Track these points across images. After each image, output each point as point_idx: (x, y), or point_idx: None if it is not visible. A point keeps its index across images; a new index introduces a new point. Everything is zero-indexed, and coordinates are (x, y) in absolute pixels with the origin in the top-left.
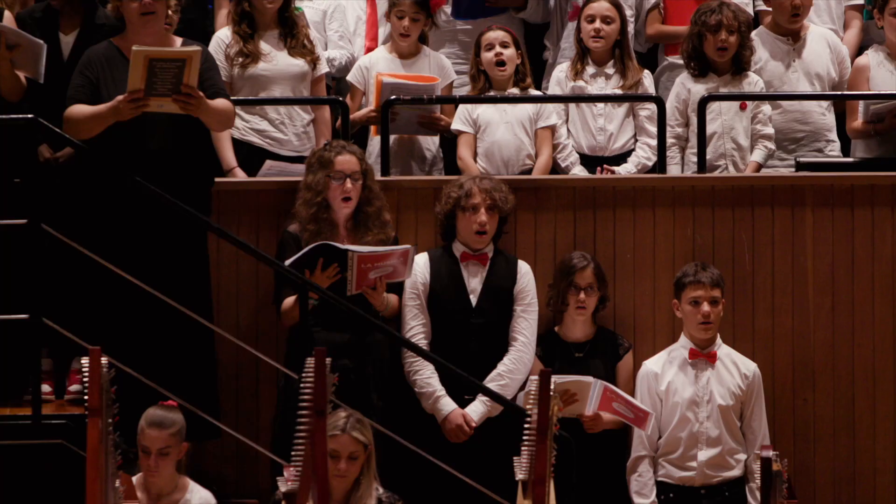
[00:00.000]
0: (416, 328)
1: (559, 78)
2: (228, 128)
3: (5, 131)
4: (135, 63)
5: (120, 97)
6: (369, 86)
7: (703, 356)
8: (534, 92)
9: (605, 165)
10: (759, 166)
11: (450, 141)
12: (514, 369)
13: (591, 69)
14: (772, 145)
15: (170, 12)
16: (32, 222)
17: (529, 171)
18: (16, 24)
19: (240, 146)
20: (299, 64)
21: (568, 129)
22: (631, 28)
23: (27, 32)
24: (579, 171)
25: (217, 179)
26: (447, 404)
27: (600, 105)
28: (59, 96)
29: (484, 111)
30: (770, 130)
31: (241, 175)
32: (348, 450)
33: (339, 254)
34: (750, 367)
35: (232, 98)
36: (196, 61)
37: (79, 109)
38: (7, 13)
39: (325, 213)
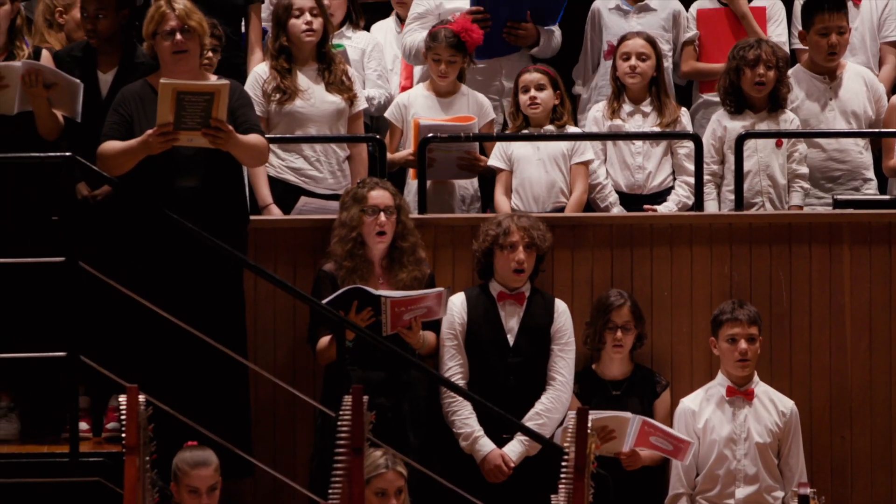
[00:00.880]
0: (453, 368)
1: (596, 118)
2: (262, 163)
3: (43, 169)
4: (163, 96)
5: (150, 131)
6: (407, 124)
7: (740, 394)
8: (571, 129)
9: (646, 206)
10: (800, 209)
11: (488, 179)
12: (552, 408)
13: (627, 107)
14: (807, 185)
15: (209, 53)
16: (70, 260)
17: (562, 208)
18: (54, 63)
19: (275, 184)
20: (336, 101)
21: (606, 170)
22: (669, 62)
23: (66, 71)
24: (618, 212)
25: (254, 217)
26: (485, 445)
27: (638, 143)
28: (97, 134)
29: (518, 148)
30: (805, 170)
31: (276, 212)
32: (395, 485)
33: (371, 298)
34: (787, 404)
35: (269, 136)
36: (224, 95)
37: (111, 145)
38: (45, 52)
39: (360, 250)
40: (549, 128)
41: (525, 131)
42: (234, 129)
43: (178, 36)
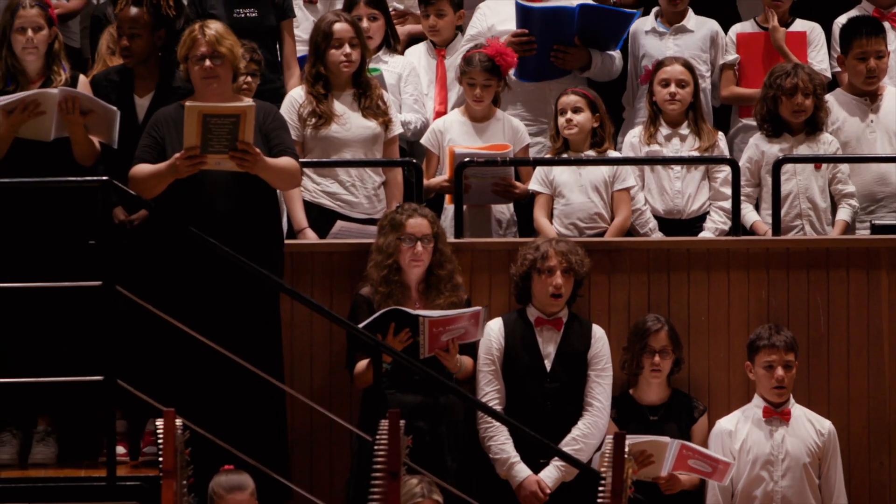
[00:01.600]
0: (490, 394)
1: (632, 143)
2: (294, 187)
3: (80, 193)
4: (189, 119)
5: (177, 154)
6: (443, 150)
7: (777, 414)
8: (611, 154)
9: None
10: (847, 224)
11: (524, 204)
12: (589, 434)
13: (664, 131)
14: (855, 203)
15: (248, 78)
16: (107, 284)
17: (603, 234)
18: (91, 88)
19: (311, 208)
20: (372, 126)
21: (644, 196)
22: (706, 83)
23: (102, 95)
24: (657, 237)
25: (291, 241)
26: (522, 470)
27: (677, 168)
28: (133, 158)
29: (560, 173)
30: (851, 188)
31: (311, 236)
32: None
33: (410, 319)
34: (825, 424)
35: (306, 160)
36: (250, 117)
37: (141, 168)
38: (82, 77)
39: (397, 276)
40: (590, 152)
41: (565, 155)
42: (261, 152)
43: (208, 62)
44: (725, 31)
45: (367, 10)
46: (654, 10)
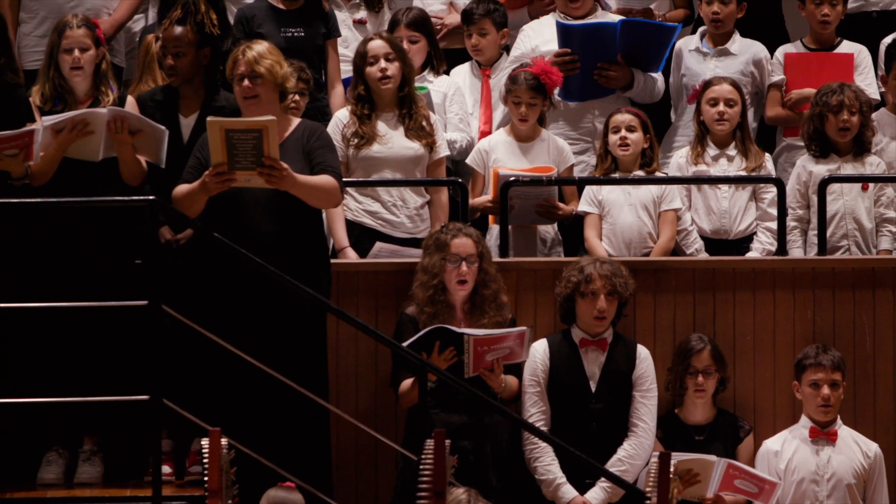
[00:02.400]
0: (536, 415)
1: (679, 163)
2: (332, 206)
3: (127, 213)
4: (211, 135)
5: (207, 171)
6: (488, 169)
7: (823, 434)
8: (658, 174)
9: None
10: (889, 253)
11: (569, 224)
12: (635, 455)
13: (711, 151)
14: (895, 228)
15: (296, 97)
16: (153, 304)
17: (650, 253)
18: (138, 108)
19: (352, 227)
20: (414, 147)
21: (691, 216)
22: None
23: (148, 115)
24: (703, 257)
25: (336, 261)
26: (568, 492)
27: (724, 188)
28: (178, 178)
29: (609, 193)
30: (893, 214)
31: (352, 255)
32: None
33: (454, 337)
34: (871, 446)
35: (350, 179)
36: (272, 131)
37: (179, 188)
38: (130, 98)
39: (442, 296)
40: (638, 173)
41: (614, 175)
42: (290, 168)
43: (247, 82)
44: (773, 50)
45: (408, 33)
46: (701, 29)
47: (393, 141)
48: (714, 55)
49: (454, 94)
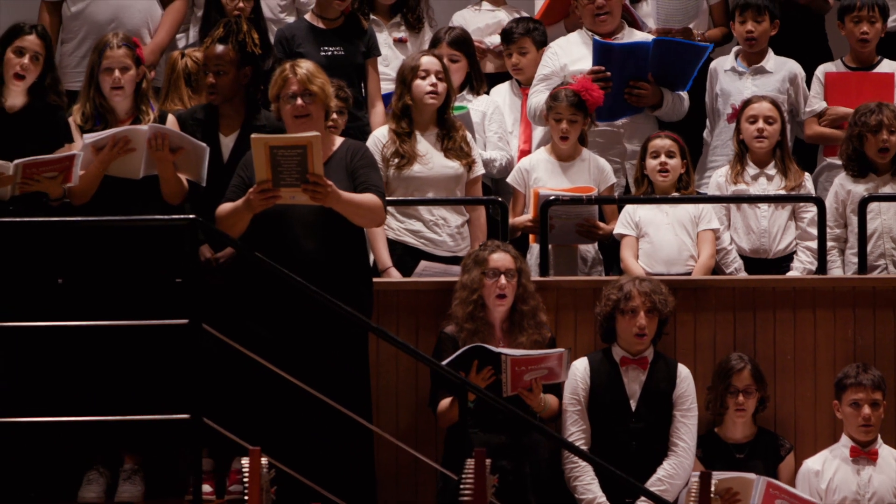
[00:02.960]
0: (576, 434)
1: (719, 182)
2: (376, 224)
3: (167, 231)
4: (256, 152)
5: (251, 189)
6: (529, 188)
7: (864, 454)
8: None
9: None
10: None
11: (609, 244)
12: (674, 474)
13: (751, 170)
14: None
15: (334, 115)
16: (193, 322)
17: (690, 273)
18: (179, 126)
19: (394, 246)
20: (454, 166)
21: (730, 235)
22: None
23: (188, 133)
24: (743, 276)
25: (376, 280)
26: None
27: (764, 207)
28: (218, 197)
29: (646, 213)
30: None
31: (395, 275)
32: None
33: (492, 356)
34: None
35: (391, 198)
36: (317, 147)
37: (223, 207)
38: (170, 116)
39: (482, 313)
40: (675, 195)
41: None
42: (334, 185)
43: (299, 101)
44: (813, 69)
45: (449, 52)
46: (735, 48)
47: (433, 161)
48: (749, 74)
49: (493, 114)
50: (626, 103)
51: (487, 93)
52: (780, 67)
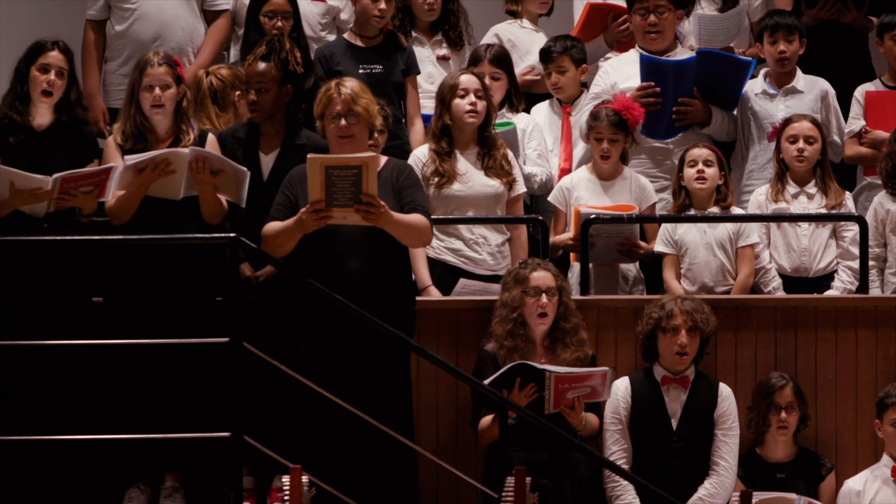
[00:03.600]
0: (617, 453)
1: (759, 201)
2: (423, 245)
3: (208, 250)
4: (311, 172)
5: (303, 209)
6: (570, 207)
7: None
8: (735, 210)
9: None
10: None
11: (650, 263)
12: (715, 493)
13: (791, 189)
14: None
15: (376, 134)
16: (234, 341)
17: (729, 291)
18: (218, 146)
19: (435, 264)
20: (494, 185)
21: (770, 254)
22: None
23: (228, 152)
24: (785, 295)
25: (417, 298)
26: None
27: (804, 225)
28: (258, 215)
29: (685, 232)
30: None
31: (435, 293)
32: None
33: (536, 373)
34: None
35: (433, 217)
36: (372, 168)
37: (272, 226)
38: (210, 136)
39: (522, 330)
40: (714, 209)
41: (690, 212)
42: (387, 206)
43: (343, 121)
44: (853, 87)
45: (491, 69)
46: (763, 70)
47: (473, 179)
48: (781, 95)
49: (532, 131)
50: (674, 121)
51: (527, 111)
52: (811, 87)
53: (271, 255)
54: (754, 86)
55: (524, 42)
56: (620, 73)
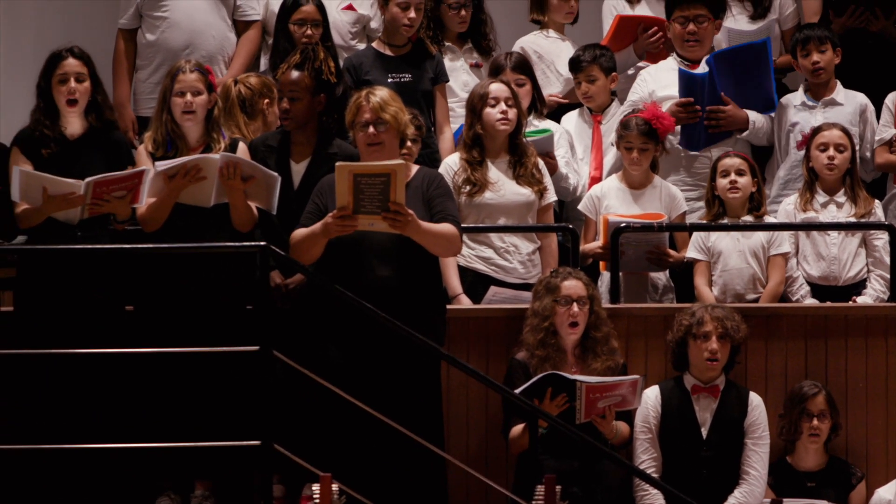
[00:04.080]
0: (647, 462)
1: (788, 210)
2: (453, 254)
3: (238, 258)
4: (339, 179)
5: (329, 215)
6: (600, 216)
7: None
8: (768, 219)
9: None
10: None
11: (680, 272)
12: (745, 502)
13: (821, 198)
14: None
15: (408, 143)
16: (264, 349)
17: (759, 299)
18: (250, 155)
19: (465, 273)
20: (525, 193)
21: (797, 261)
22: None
23: (259, 160)
24: (811, 303)
25: (448, 307)
26: None
27: (833, 234)
28: (288, 223)
29: (718, 239)
30: None
31: (465, 302)
32: None
33: (567, 383)
34: None
35: (464, 225)
36: (401, 175)
37: (298, 232)
38: (241, 144)
39: (553, 339)
40: (747, 218)
41: (723, 221)
42: (414, 214)
43: (371, 129)
44: (883, 95)
45: (514, 76)
46: (803, 84)
47: (505, 188)
48: (821, 107)
49: (560, 138)
50: (714, 133)
51: (556, 119)
52: (851, 100)
53: (297, 259)
54: (794, 98)
55: (550, 52)
56: (658, 81)
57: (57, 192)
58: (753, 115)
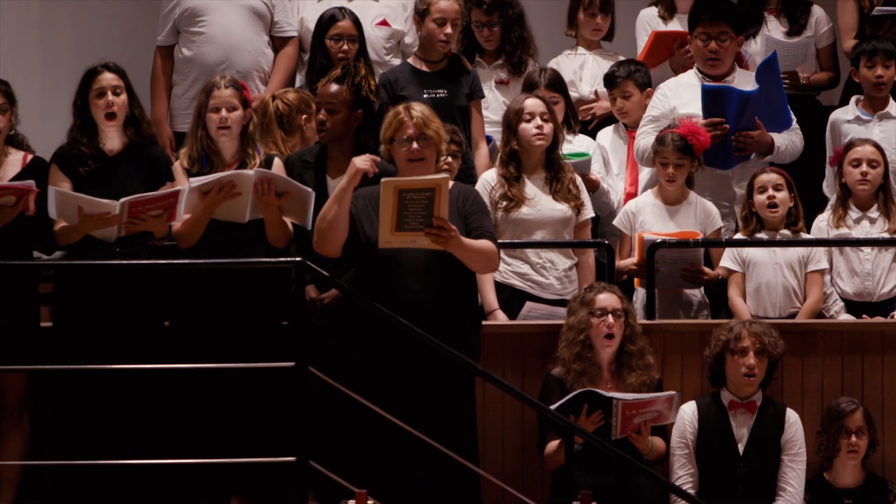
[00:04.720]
0: (683, 478)
1: (820, 227)
2: (491, 271)
3: (273, 274)
4: (385, 195)
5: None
6: (635, 232)
7: None
8: (805, 236)
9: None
10: None
11: (714, 289)
12: None
13: (853, 214)
14: None
15: (449, 159)
16: (300, 365)
17: (795, 315)
18: (284, 170)
19: (502, 288)
20: (562, 209)
21: (832, 278)
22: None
23: (296, 175)
24: (846, 319)
25: (483, 322)
26: None
27: (867, 250)
28: None
29: (754, 252)
30: None
31: (502, 317)
32: None
33: (603, 400)
34: None
35: (501, 241)
36: (444, 190)
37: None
38: (276, 160)
39: (589, 353)
40: (785, 232)
41: (760, 235)
42: (457, 231)
43: (415, 144)
44: None
45: (548, 94)
46: (854, 98)
47: (541, 203)
48: (876, 120)
49: (594, 153)
50: (738, 150)
51: (592, 135)
52: None
53: (326, 247)
54: (846, 113)
55: (578, 70)
56: (679, 97)
57: (92, 212)
58: (778, 140)
